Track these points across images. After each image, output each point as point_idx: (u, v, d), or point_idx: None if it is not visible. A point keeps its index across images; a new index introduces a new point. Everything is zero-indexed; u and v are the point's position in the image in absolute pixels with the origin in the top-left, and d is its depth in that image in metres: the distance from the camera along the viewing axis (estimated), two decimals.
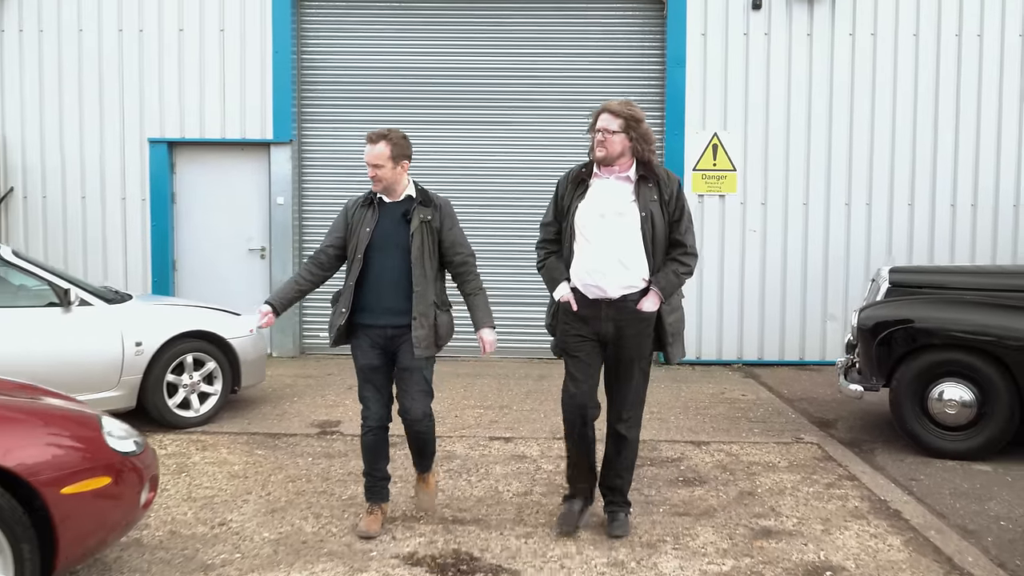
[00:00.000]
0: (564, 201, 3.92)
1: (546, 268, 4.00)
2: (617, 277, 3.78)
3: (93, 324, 5.47)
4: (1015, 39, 8.61)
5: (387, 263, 3.84)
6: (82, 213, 9.00)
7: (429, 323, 3.83)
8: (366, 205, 3.96)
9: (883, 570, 3.62)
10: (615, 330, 3.83)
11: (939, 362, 5.29)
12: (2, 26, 8.96)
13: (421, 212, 3.88)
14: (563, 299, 3.89)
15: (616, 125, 3.75)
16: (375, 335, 3.85)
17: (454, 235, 3.94)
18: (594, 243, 3.80)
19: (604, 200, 3.81)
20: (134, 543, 3.78)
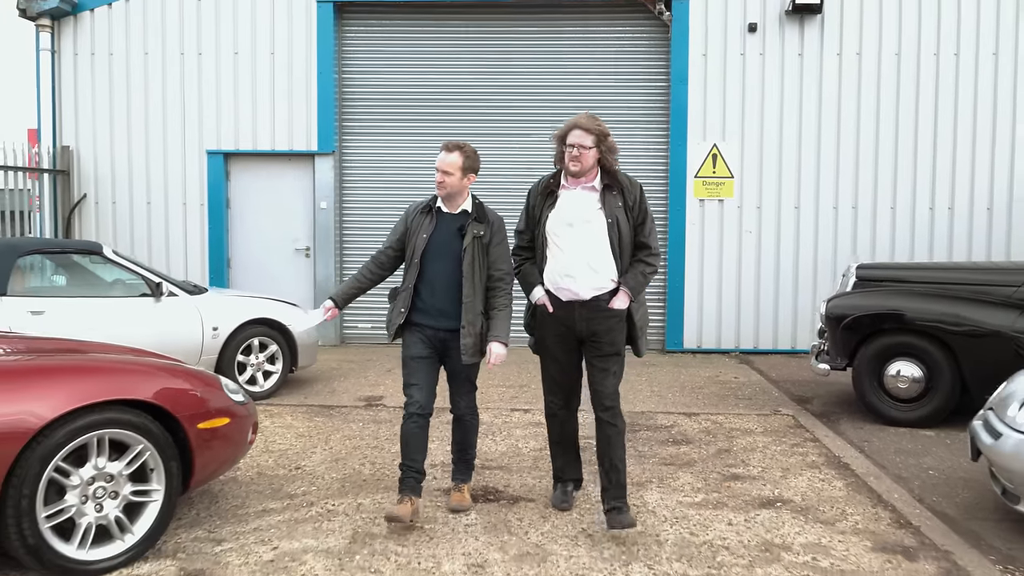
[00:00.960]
0: (535, 211, 4.18)
1: (521, 274, 4.24)
2: (587, 280, 4.03)
3: (179, 312, 6.52)
4: (988, 57, 9.47)
5: (441, 270, 4.08)
6: (147, 217, 10.09)
7: (476, 331, 4.07)
8: (425, 212, 4.19)
9: (822, 502, 4.57)
10: (588, 328, 4.07)
11: (893, 344, 6.22)
12: (76, 50, 10.06)
13: (475, 228, 4.12)
14: (538, 302, 4.14)
15: (589, 141, 3.99)
16: (428, 334, 4.12)
17: (499, 251, 4.17)
18: (565, 250, 4.04)
19: (572, 209, 4.06)
20: (232, 480, 4.81)
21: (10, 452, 3.23)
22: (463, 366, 4.14)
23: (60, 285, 6.54)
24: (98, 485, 3.52)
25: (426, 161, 9.76)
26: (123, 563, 3.57)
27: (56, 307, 5.99)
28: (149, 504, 3.68)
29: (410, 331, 4.16)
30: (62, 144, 10.07)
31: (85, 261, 6.77)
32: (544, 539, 3.98)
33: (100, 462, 3.52)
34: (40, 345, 4.19)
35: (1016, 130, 9.47)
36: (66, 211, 10.03)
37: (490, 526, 4.14)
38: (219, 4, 9.87)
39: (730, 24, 9.59)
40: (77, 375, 3.53)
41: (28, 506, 3.29)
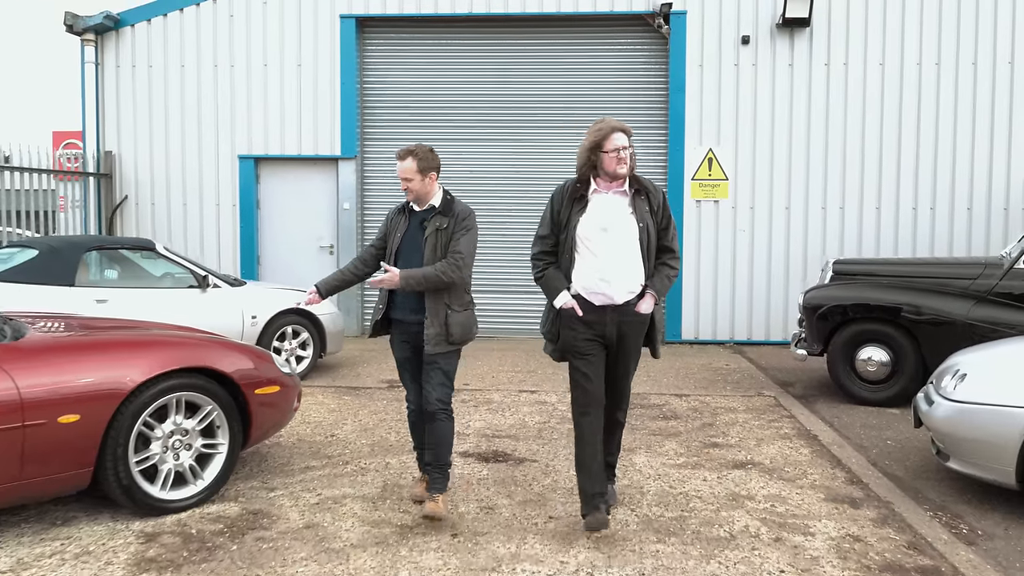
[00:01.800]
0: (562, 215, 4.12)
1: (546, 278, 4.16)
2: (622, 284, 4.03)
3: (222, 302, 7.28)
4: (968, 67, 10.11)
5: (410, 265, 4.24)
6: (183, 217, 10.88)
7: (440, 322, 4.19)
8: (400, 212, 4.42)
9: (788, 465, 5.27)
10: (618, 332, 4.09)
11: (863, 331, 6.91)
12: (118, 62, 10.86)
13: (437, 220, 4.27)
14: (565, 306, 4.07)
15: (629, 143, 4.05)
16: (404, 330, 4.31)
17: (457, 239, 4.22)
18: (599, 254, 4.02)
19: (605, 214, 4.04)
20: (276, 444, 5.56)
21: (110, 408, 3.98)
22: (433, 357, 4.22)
23: (119, 277, 7.30)
24: (176, 438, 4.27)
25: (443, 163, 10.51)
26: (195, 504, 4.32)
27: (117, 297, 6.77)
28: (216, 456, 4.44)
29: (394, 331, 4.38)
30: (105, 149, 10.87)
31: (136, 256, 7.55)
32: (545, 490, 4.71)
33: (178, 419, 4.27)
34: (119, 324, 4.94)
35: (994, 134, 10.10)
36: (109, 212, 10.83)
37: (499, 480, 4.87)
38: (250, 20, 10.65)
39: (724, 37, 10.27)
40: (160, 347, 4.28)
41: (122, 453, 4.04)
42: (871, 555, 3.86)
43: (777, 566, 3.72)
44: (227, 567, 3.65)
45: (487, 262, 10.31)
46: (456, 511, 4.35)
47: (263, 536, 4.00)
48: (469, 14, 10.46)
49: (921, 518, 4.36)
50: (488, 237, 10.59)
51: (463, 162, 10.60)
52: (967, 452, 4.46)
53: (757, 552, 3.87)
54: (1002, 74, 10.06)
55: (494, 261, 10.52)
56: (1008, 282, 6.48)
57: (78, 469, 3.95)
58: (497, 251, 10.51)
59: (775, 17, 10.17)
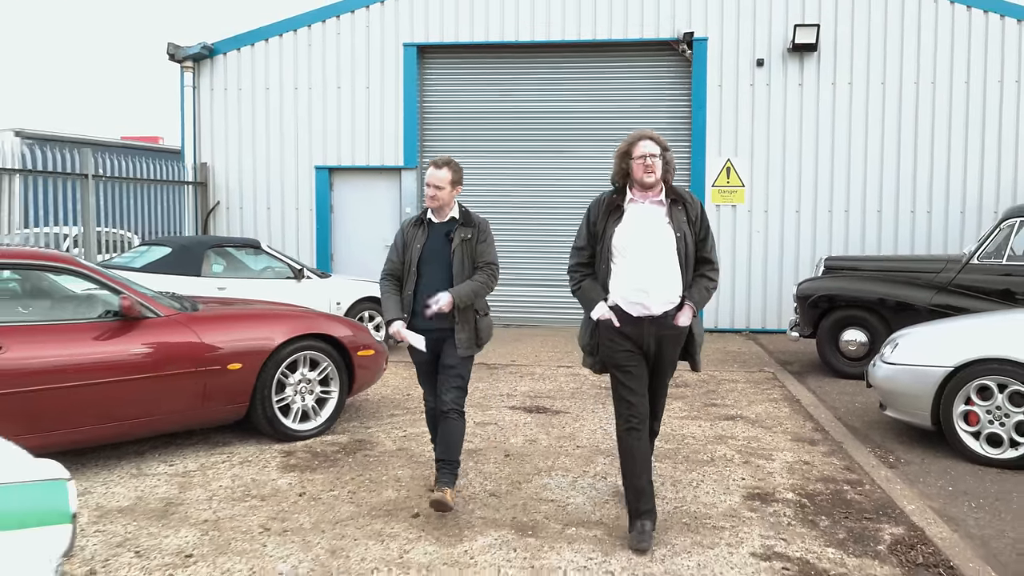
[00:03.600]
0: (598, 226, 4.11)
1: (583, 290, 4.17)
2: (660, 294, 4.00)
3: (313, 290, 8.86)
4: (960, 85, 11.31)
5: (434, 275, 4.39)
6: (267, 219, 12.54)
7: (470, 327, 4.42)
8: (417, 225, 4.53)
9: (769, 418, 6.66)
10: (656, 344, 4.07)
11: (846, 316, 8.24)
12: (212, 86, 12.56)
13: (462, 232, 4.44)
14: (602, 317, 4.06)
15: (658, 150, 4.03)
16: (426, 335, 4.44)
17: (483, 248, 4.45)
18: (636, 264, 3.99)
19: (641, 224, 4.01)
20: (366, 400, 7.10)
21: (260, 360, 5.54)
22: (454, 361, 4.43)
23: (231, 270, 8.92)
24: (302, 385, 5.83)
25: (491, 173, 12.04)
26: (316, 434, 5.87)
27: (232, 285, 8.38)
28: (329, 400, 5.98)
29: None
30: (201, 161, 12.58)
31: (240, 253, 9.17)
32: (574, 430, 6.18)
33: (304, 371, 5.82)
34: (254, 303, 6.53)
35: (985, 145, 11.29)
36: (204, 215, 12.53)
37: (539, 424, 6.35)
38: (325, 48, 12.26)
39: (741, 60, 11.61)
40: (293, 319, 5.85)
41: (267, 394, 5.60)
42: (813, 472, 5.25)
43: (740, 476, 5.14)
44: (347, 470, 5.18)
45: (529, 260, 11.77)
46: (507, 440, 5.84)
47: (368, 454, 5.54)
48: (516, 42, 11.94)
49: (861, 452, 5.73)
50: (533, 238, 12.06)
51: (509, 170, 12.09)
52: (898, 402, 5.83)
53: (728, 469, 5.29)
54: (992, 92, 11.24)
55: (536, 259, 11.98)
56: (964, 275, 7.76)
57: (238, 404, 5.52)
58: (539, 250, 11.97)
59: (786, 42, 11.47)
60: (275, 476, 5.06)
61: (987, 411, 5.39)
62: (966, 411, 5.45)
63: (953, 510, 4.64)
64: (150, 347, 5.04)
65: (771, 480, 5.09)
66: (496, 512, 4.48)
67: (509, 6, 11.88)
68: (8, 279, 5.47)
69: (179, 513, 4.44)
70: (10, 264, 4.99)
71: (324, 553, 3.93)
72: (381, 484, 4.94)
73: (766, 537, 4.18)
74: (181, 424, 5.38)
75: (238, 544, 4.03)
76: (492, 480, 5.02)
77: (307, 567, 3.78)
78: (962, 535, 4.25)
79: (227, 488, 4.84)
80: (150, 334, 5.07)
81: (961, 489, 4.99)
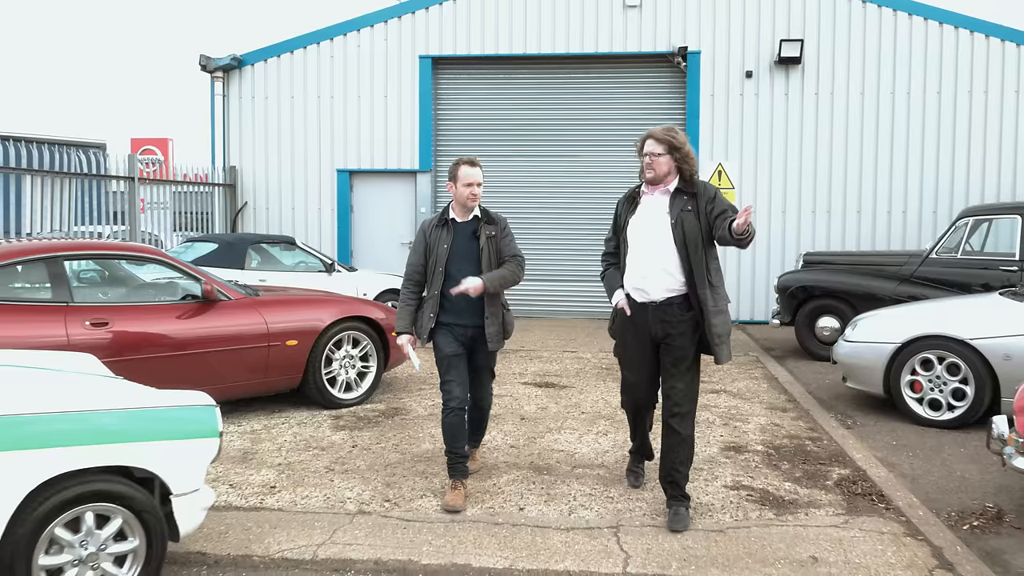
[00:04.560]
0: (621, 219, 4.39)
1: (605, 278, 4.49)
2: (660, 282, 4.20)
3: (343, 282, 9.82)
4: (933, 95, 12.28)
5: (463, 273, 4.47)
6: (292, 219, 13.52)
7: (498, 321, 4.57)
8: (441, 226, 4.60)
9: (749, 392, 7.62)
10: (662, 331, 4.24)
11: (820, 305, 9.20)
12: (240, 95, 13.54)
13: (487, 230, 4.56)
14: (618, 304, 4.37)
15: (660, 149, 4.18)
16: (457, 332, 4.58)
17: (506, 243, 4.61)
18: (640, 253, 4.25)
19: (648, 214, 4.27)
20: (395, 377, 8.06)
21: (312, 337, 6.51)
22: (486, 359, 4.68)
23: (269, 264, 9.88)
24: (346, 360, 6.80)
25: (498, 175, 12.99)
26: (358, 403, 6.84)
27: (271, 278, 9.35)
28: (368, 374, 6.95)
29: (440, 332, 4.60)
30: (230, 165, 13.55)
31: (275, 249, 10.14)
32: (579, 401, 7.15)
33: (348, 349, 6.80)
34: (303, 290, 7.50)
35: (955, 150, 12.25)
36: (232, 214, 13.51)
37: (548, 396, 7.32)
38: (347, 60, 13.24)
39: (732, 71, 12.58)
40: (339, 303, 6.82)
41: (318, 366, 6.57)
42: (781, 432, 6.23)
43: (720, 434, 6.11)
44: (388, 429, 6.16)
45: (535, 257, 12.74)
46: (522, 408, 6.82)
47: (404, 418, 6.51)
48: (523, 54, 12.91)
49: (824, 417, 6.70)
50: (538, 236, 13.00)
51: (516, 173, 13.06)
52: (856, 375, 6.81)
53: (710, 429, 6.26)
54: (961, 102, 12.21)
55: (542, 256, 12.94)
56: (924, 268, 8.72)
57: (294, 375, 6.50)
58: (545, 248, 12.94)
59: (773, 56, 12.43)
60: (329, 433, 6.04)
61: (929, 380, 6.36)
62: (912, 380, 6.43)
63: (893, 458, 5.61)
64: (225, 325, 6.02)
65: (745, 437, 6.06)
66: (516, 459, 5.46)
67: (517, 21, 12.85)
68: (91, 268, 6.45)
69: (256, 459, 5.42)
70: (108, 255, 5.95)
71: (381, 485, 4.91)
72: (418, 439, 5.91)
73: (736, 475, 5.15)
74: (248, 391, 6.35)
75: (310, 480, 5.01)
76: (511, 437, 5.99)
77: (369, 495, 4.75)
78: (896, 475, 5.22)
79: (291, 442, 5.82)
80: (225, 315, 6.05)
81: (903, 443, 5.97)
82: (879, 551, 4.02)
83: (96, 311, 5.47)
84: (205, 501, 3.51)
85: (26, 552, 3.01)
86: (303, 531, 4.20)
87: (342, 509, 4.54)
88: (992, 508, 4.60)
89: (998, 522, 4.43)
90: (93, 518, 3.17)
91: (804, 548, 4.04)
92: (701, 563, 3.85)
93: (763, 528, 4.31)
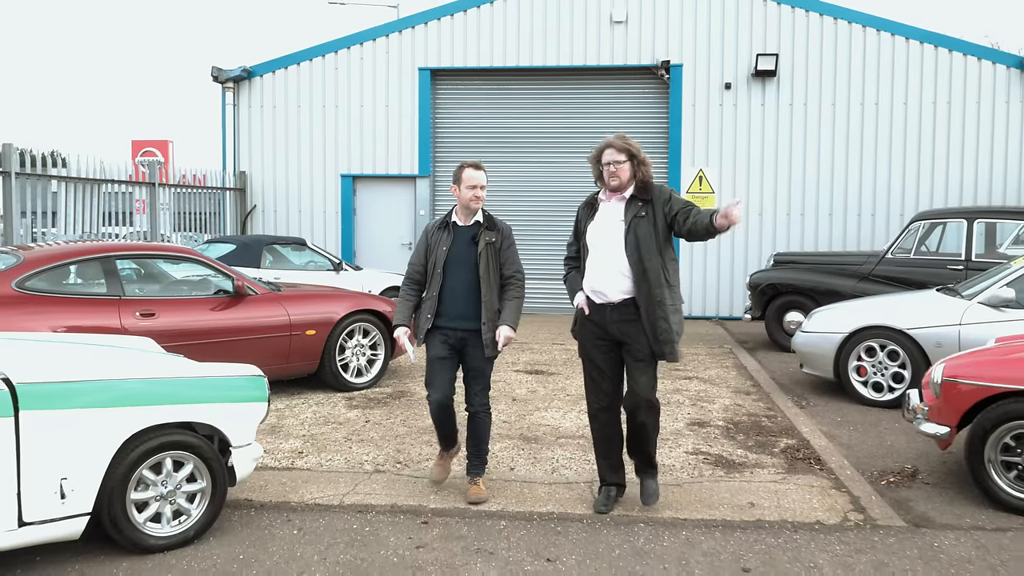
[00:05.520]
0: (581, 224, 4.55)
1: (567, 281, 4.63)
2: (617, 284, 4.37)
3: (350, 280, 10.63)
4: (900, 106, 13.15)
5: (460, 277, 4.52)
6: (298, 221, 14.34)
7: (495, 327, 4.55)
8: (442, 228, 4.66)
9: (718, 378, 8.46)
10: (620, 331, 4.39)
11: (788, 301, 10.05)
12: (250, 104, 14.35)
13: (487, 235, 4.58)
14: (578, 306, 4.51)
15: (622, 157, 4.37)
16: (449, 335, 4.59)
17: (509, 254, 4.63)
18: (598, 257, 4.43)
19: (605, 220, 4.45)
20: (398, 365, 8.87)
21: (328, 328, 7.33)
22: (480, 364, 4.63)
23: (282, 263, 10.69)
24: (358, 348, 7.63)
25: (493, 179, 13.77)
26: (367, 386, 7.67)
27: (284, 276, 10.15)
28: (377, 360, 7.78)
29: (432, 334, 4.64)
30: (239, 170, 14.36)
31: (286, 249, 10.96)
32: (566, 385, 7.99)
33: (359, 339, 7.62)
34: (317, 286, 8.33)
35: (920, 157, 13.11)
36: (242, 217, 14.32)
37: (538, 381, 8.16)
38: (350, 71, 14.06)
39: (712, 83, 13.43)
40: (351, 297, 7.65)
41: (333, 354, 7.40)
42: (742, 411, 7.08)
43: (687, 413, 6.96)
44: (396, 408, 6.99)
45: (526, 257, 13.57)
46: (514, 391, 7.66)
47: (409, 399, 7.34)
48: (516, 67, 13.75)
49: (782, 398, 7.55)
50: (528, 238, 13.83)
51: (510, 177, 13.89)
52: (811, 361, 7.66)
53: (680, 408, 7.11)
54: (926, 112, 13.08)
55: (532, 256, 13.77)
56: (881, 267, 9.57)
57: (311, 361, 7.32)
58: (534, 248, 13.77)
59: (750, 69, 13.28)
60: (344, 411, 6.88)
61: (872, 365, 7.22)
62: (858, 365, 7.28)
63: (836, 431, 6.46)
64: (254, 317, 6.85)
65: (709, 415, 6.91)
66: (508, 432, 6.31)
67: (511, 36, 13.69)
68: (128, 266, 7.26)
69: (283, 431, 6.25)
70: (153, 255, 6.78)
71: (392, 451, 5.75)
72: (422, 416, 6.74)
73: (697, 444, 6.00)
74: (272, 375, 7.00)
75: (331, 447, 5.84)
76: (504, 414, 6.83)
77: (383, 458, 5.59)
78: (835, 444, 6.07)
79: (311, 418, 6.65)
80: (253, 308, 6.88)
81: (847, 420, 6.82)
82: (806, 499, 4.87)
83: (144, 303, 6.31)
84: (255, 453, 4.36)
85: (122, 488, 3.83)
86: (330, 485, 5.04)
87: (361, 469, 5.37)
88: (909, 468, 5.45)
89: (912, 479, 5.27)
90: (171, 463, 4.00)
91: (745, 497, 4.89)
92: (658, 507, 4.68)
93: (713, 483, 5.15)
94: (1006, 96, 13.01)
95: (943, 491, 5.04)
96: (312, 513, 4.59)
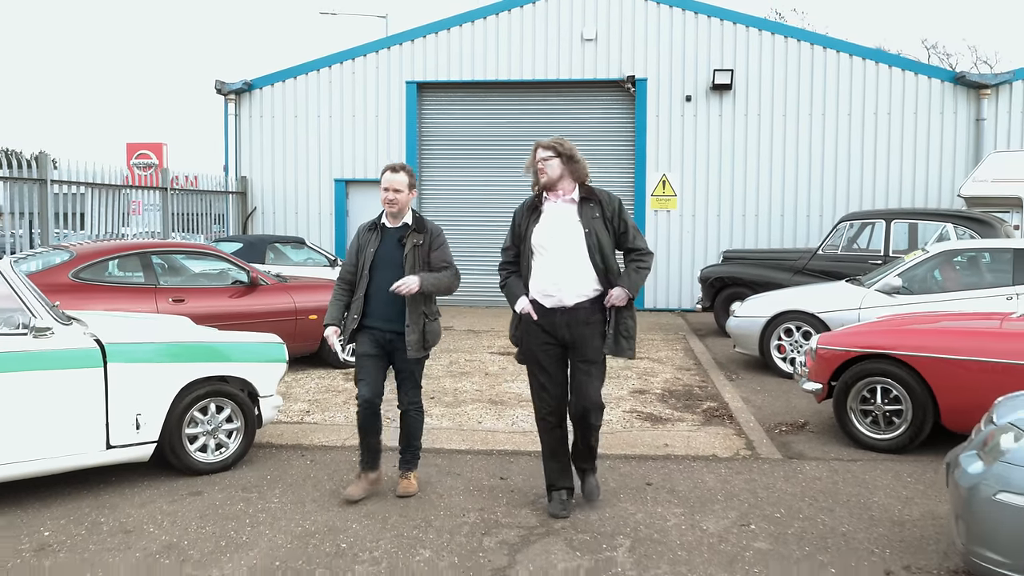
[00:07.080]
0: (520, 227, 4.46)
1: (507, 286, 4.46)
2: (572, 287, 4.32)
3: None
4: (844, 117, 14.48)
5: (386, 278, 4.52)
6: (295, 222, 15.56)
7: (419, 330, 4.54)
8: (371, 229, 4.68)
9: (666, 359, 9.74)
10: (571, 334, 4.35)
11: (733, 292, 11.33)
12: (250, 114, 15.58)
13: (414, 238, 4.56)
14: (523, 311, 4.37)
15: (548, 153, 4.42)
16: (377, 335, 4.65)
17: (439, 253, 4.61)
18: (550, 260, 4.33)
19: (554, 222, 4.38)
20: None
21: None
22: (408, 365, 4.65)
23: (283, 259, 11.93)
24: None
25: (474, 183, 15.07)
26: None
27: (286, 271, 11.36)
28: None
29: (362, 333, 4.68)
30: (241, 175, 15.58)
31: (288, 247, 12.18)
32: None
33: None
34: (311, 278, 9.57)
35: (863, 163, 14.45)
36: (243, 219, 15.53)
37: (509, 361, 9.40)
38: (343, 85, 15.31)
39: (673, 96, 14.73)
40: None
41: None
42: (679, 383, 8.36)
43: (632, 384, 8.23)
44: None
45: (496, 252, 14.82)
46: (487, 368, 8.93)
47: None
48: (496, 80, 15.02)
49: (716, 373, 8.84)
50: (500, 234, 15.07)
51: (489, 181, 15.15)
52: (741, 341, 8.96)
53: (627, 380, 8.38)
54: (868, 122, 14.43)
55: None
56: (813, 262, 10.87)
57: (313, 343, 8.56)
58: None
59: (709, 83, 14.59)
60: (342, 383, 8.13)
61: (790, 344, 8.52)
62: (778, 344, 8.59)
63: (752, 397, 7.75)
64: (266, 303, 8.09)
65: (650, 385, 8.19)
66: (479, 397, 7.58)
67: (491, 52, 14.96)
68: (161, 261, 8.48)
69: (292, 397, 7.50)
70: (183, 251, 8.04)
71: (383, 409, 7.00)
72: None
73: (634, 406, 7.29)
74: None
75: (333, 408, 7.10)
76: (477, 384, 8.10)
77: None
78: (749, 406, 7.36)
79: (315, 388, 7.90)
80: (265, 296, 8.13)
81: (765, 389, 8.11)
82: (711, 442, 6.16)
83: (175, 291, 7.55)
84: (277, 403, 5.62)
85: (179, 424, 5.08)
86: (333, 432, 6.30)
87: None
88: (801, 421, 6.74)
89: (801, 429, 6.57)
90: (214, 407, 5.25)
91: (662, 440, 6.18)
92: None
93: (640, 432, 6.45)
94: (940, 108, 14.37)
95: (821, 436, 6.34)
96: (320, 451, 5.85)
